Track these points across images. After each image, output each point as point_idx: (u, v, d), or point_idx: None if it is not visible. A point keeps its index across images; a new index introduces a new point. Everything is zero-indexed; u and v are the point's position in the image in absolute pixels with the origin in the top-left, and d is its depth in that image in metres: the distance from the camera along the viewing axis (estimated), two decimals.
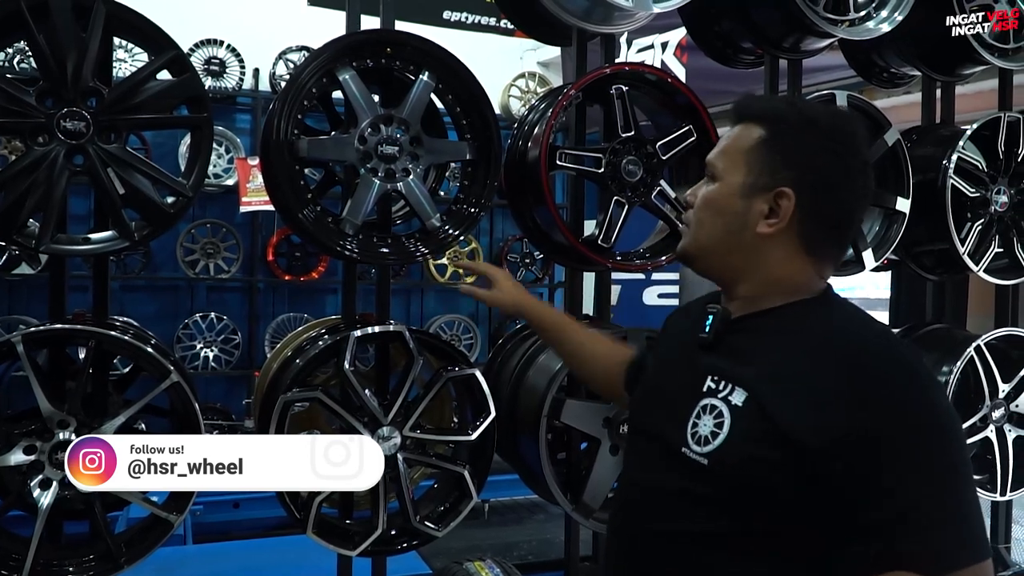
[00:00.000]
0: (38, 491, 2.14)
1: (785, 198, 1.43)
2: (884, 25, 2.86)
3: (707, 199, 1.52)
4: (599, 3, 2.50)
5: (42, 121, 2.08)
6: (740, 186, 1.47)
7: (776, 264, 1.48)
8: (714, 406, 1.42)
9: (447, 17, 6.94)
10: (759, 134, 1.48)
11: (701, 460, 1.40)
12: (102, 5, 2.11)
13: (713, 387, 1.44)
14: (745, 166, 1.47)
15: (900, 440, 1.25)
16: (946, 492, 1.25)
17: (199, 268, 7.43)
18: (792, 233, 1.46)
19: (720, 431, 1.39)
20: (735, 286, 1.53)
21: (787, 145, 1.45)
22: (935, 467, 1.26)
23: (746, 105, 1.54)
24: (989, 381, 3.04)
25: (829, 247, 1.50)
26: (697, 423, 1.43)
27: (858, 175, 1.47)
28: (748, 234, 1.47)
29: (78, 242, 2.22)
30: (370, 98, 2.42)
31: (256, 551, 4.39)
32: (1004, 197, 3.06)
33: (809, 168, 1.44)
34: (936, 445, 1.27)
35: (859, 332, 1.42)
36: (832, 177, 1.44)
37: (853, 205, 1.49)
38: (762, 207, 1.45)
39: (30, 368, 2.12)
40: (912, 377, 1.34)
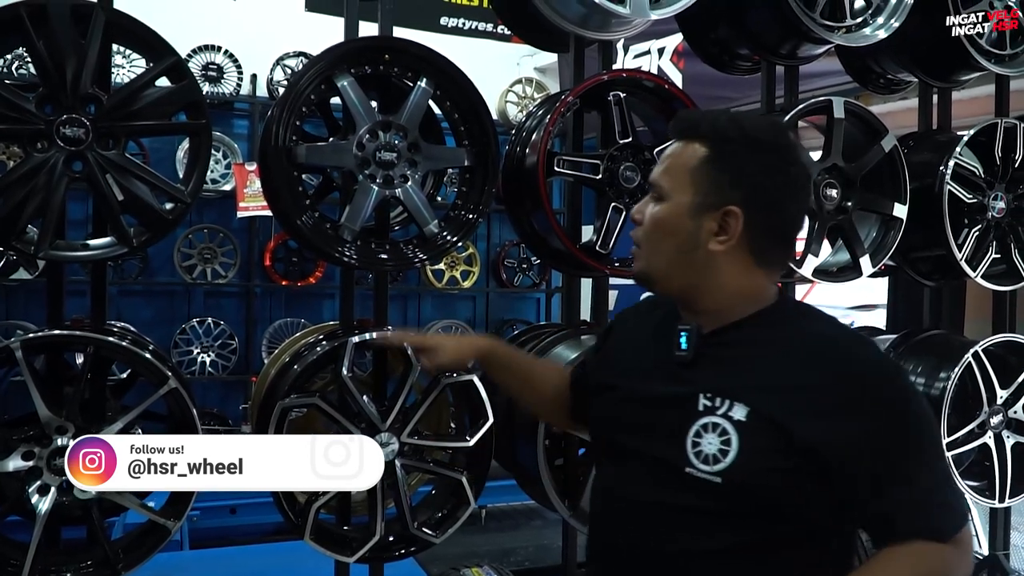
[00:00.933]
0: (36, 497, 2.14)
1: (733, 216, 1.48)
2: (881, 31, 2.86)
3: (656, 220, 1.55)
4: (596, 10, 2.50)
5: (41, 127, 2.09)
6: (688, 206, 1.51)
7: (731, 278, 1.53)
8: (716, 424, 1.45)
9: (445, 23, 6.97)
10: (703, 153, 1.51)
11: (713, 479, 1.43)
12: (101, 12, 2.11)
13: (709, 405, 1.47)
14: (692, 186, 1.51)
15: (901, 434, 1.42)
16: (940, 470, 1.50)
17: (196, 273, 7.42)
18: (743, 248, 1.51)
19: (729, 448, 1.43)
20: (696, 302, 1.56)
21: (732, 164, 1.49)
22: (929, 451, 1.47)
23: (687, 122, 1.58)
24: (987, 387, 3.04)
25: (778, 257, 1.58)
26: (699, 442, 1.46)
27: (799, 189, 1.54)
28: (700, 252, 1.51)
29: (76, 248, 2.22)
30: (368, 104, 2.42)
31: (253, 557, 4.38)
32: (1001, 203, 3.06)
33: (755, 186, 1.49)
34: (925, 432, 1.48)
35: (840, 337, 1.53)
36: (777, 193, 1.50)
37: (797, 216, 1.57)
38: (711, 225, 1.50)
39: (28, 374, 2.12)
40: (898, 378, 1.53)
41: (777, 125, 1.62)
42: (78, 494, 2.15)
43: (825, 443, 1.39)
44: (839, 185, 2.78)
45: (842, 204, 2.79)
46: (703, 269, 1.52)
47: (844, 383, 1.43)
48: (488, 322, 8.64)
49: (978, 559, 3.52)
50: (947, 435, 2.96)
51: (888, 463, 1.40)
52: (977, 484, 3.15)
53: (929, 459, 1.46)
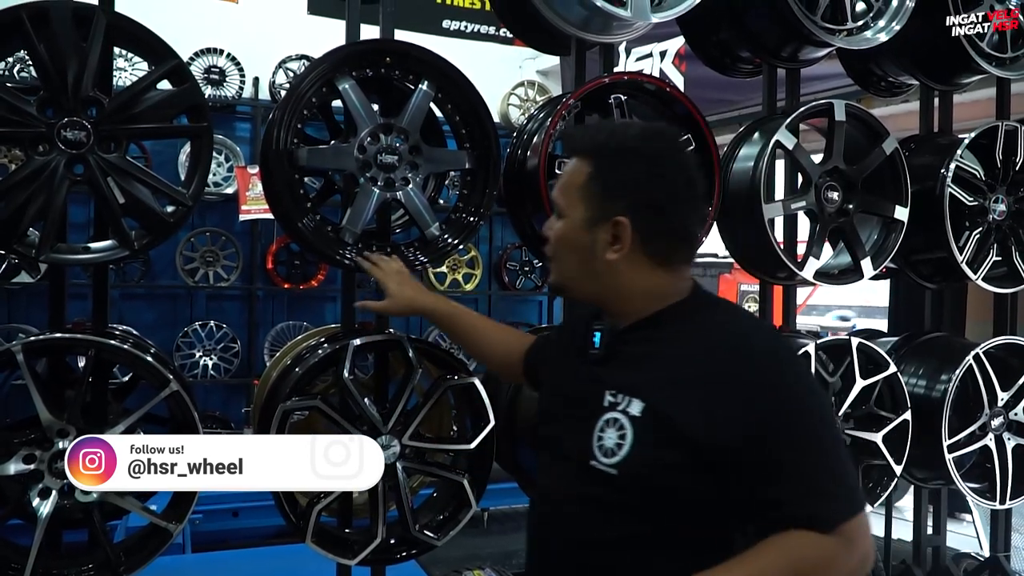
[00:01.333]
0: (37, 500, 2.14)
1: (621, 226, 1.57)
2: (882, 34, 2.87)
3: (558, 237, 1.66)
4: (598, 13, 2.50)
5: (42, 130, 2.09)
6: (581, 221, 1.61)
7: (635, 282, 1.61)
8: (615, 419, 1.54)
9: (447, 26, 6.96)
10: (587, 170, 1.61)
11: (611, 471, 1.52)
12: (102, 15, 2.11)
13: (613, 401, 1.56)
14: (581, 202, 1.61)
15: (788, 424, 1.45)
16: (830, 461, 1.46)
17: (198, 276, 7.43)
18: (638, 253, 1.59)
19: (624, 442, 1.52)
20: (611, 306, 1.66)
21: (612, 177, 1.59)
22: (818, 442, 1.46)
23: (572, 139, 1.74)
24: (988, 389, 3.04)
25: (677, 255, 1.63)
26: (602, 436, 1.55)
27: (682, 188, 1.61)
28: (599, 262, 1.60)
29: (78, 251, 2.22)
30: (369, 107, 2.42)
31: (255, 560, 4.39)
32: (1002, 205, 3.07)
33: (637, 195, 1.57)
34: (816, 422, 1.49)
35: (740, 331, 1.58)
36: (660, 199, 1.58)
37: (685, 215, 1.62)
38: (605, 237, 1.59)
39: (30, 377, 2.12)
40: (789, 367, 1.55)
41: (650, 132, 1.67)
42: (79, 497, 2.15)
43: (709, 434, 1.45)
44: (840, 188, 2.79)
45: (843, 207, 2.80)
46: (606, 277, 1.61)
47: (729, 374, 1.48)
48: None
49: (979, 560, 3.53)
50: (948, 437, 2.97)
51: (770, 452, 1.43)
52: (978, 486, 3.16)
53: (816, 448, 1.46)
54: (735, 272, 8.18)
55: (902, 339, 3.32)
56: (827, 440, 1.48)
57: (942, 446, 2.96)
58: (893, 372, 2.85)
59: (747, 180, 2.71)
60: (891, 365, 2.85)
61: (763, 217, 2.66)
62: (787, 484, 1.43)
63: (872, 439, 2.82)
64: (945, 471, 2.99)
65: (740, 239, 2.91)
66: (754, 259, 2.92)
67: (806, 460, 1.44)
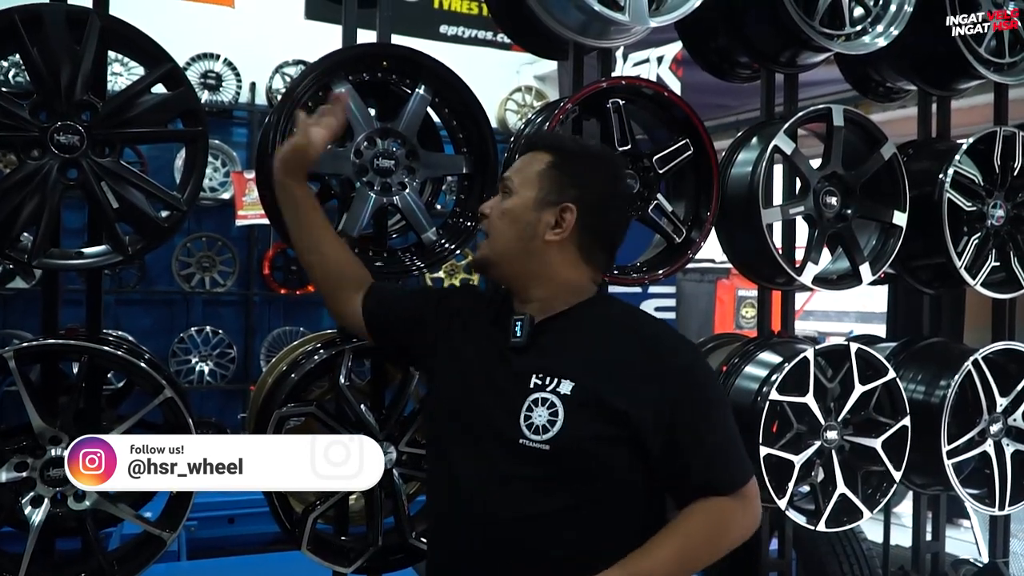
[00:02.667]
0: (29, 508, 2.12)
1: (569, 212, 1.77)
2: (880, 39, 2.85)
3: (504, 210, 1.82)
4: (595, 17, 2.49)
5: (35, 135, 2.07)
6: (532, 200, 1.79)
7: (560, 269, 1.80)
8: (545, 398, 1.68)
9: (444, 31, 6.97)
10: (549, 159, 1.82)
11: (542, 447, 1.66)
12: (96, 18, 2.10)
13: (540, 383, 1.71)
14: (537, 184, 1.80)
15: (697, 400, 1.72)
16: (729, 431, 1.75)
17: (195, 282, 7.42)
18: (572, 243, 1.80)
19: (556, 419, 1.66)
20: (528, 290, 1.83)
21: (573, 170, 1.80)
22: (720, 415, 1.75)
23: (538, 136, 1.99)
24: (987, 395, 3.02)
25: (601, 256, 1.86)
26: (531, 415, 1.68)
27: (623, 201, 1.97)
28: (537, 242, 1.78)
29: (71, 256, 2.21)
30: (366, 111, 2.41)
31: (251, 567, 4.37)
32: (1001, 211, 3.06)
33: (589, 189, 1.79)
34: (717, 398, 1.80)
35: (647, 321, 1.85)
36: (606, 199, 1.83)
37: (618, 224, 1.88)
38: (549, 219, 1.78)
39: (22, 383, 2.10)
40: (693, 350, 1.86)
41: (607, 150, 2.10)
42: (72, 505, 2.13)
43: (633, 408, 1.65)
44: (839, 193, 2.77)
45: (842, 212, 2.78)
46: (537, 257, 1.79)
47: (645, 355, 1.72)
48: None
49: (978, 566, 3.52)
50: (947, 443, 2.96)
51: (682, 424, 1.67)
52: (977, 492, 3.14)
53: (716, 420, 1.73)
54: (732, 277, 8.16)
55: (900, 345, 3.31)
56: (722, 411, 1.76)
57: (941, 452, 2.94)
58: (892, 378, 2.84)
59: (745, 185, 2.70)
60: (890, 371, 2.84)
61: (761, 222, 2.65)
62: (695, 455, 1.68)
63: (871, 445, 2.80)
64: (944, 477, 2.98)
65: (738, 244, 2.90)
66: (752, 264, 2.91)
67: (711, 430, 1.71)
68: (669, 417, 1.66)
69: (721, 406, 1.78)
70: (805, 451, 2.69)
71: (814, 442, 2.71)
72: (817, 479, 2.77)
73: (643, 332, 1.78)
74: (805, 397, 2.67)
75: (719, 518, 1.69)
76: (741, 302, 8.54)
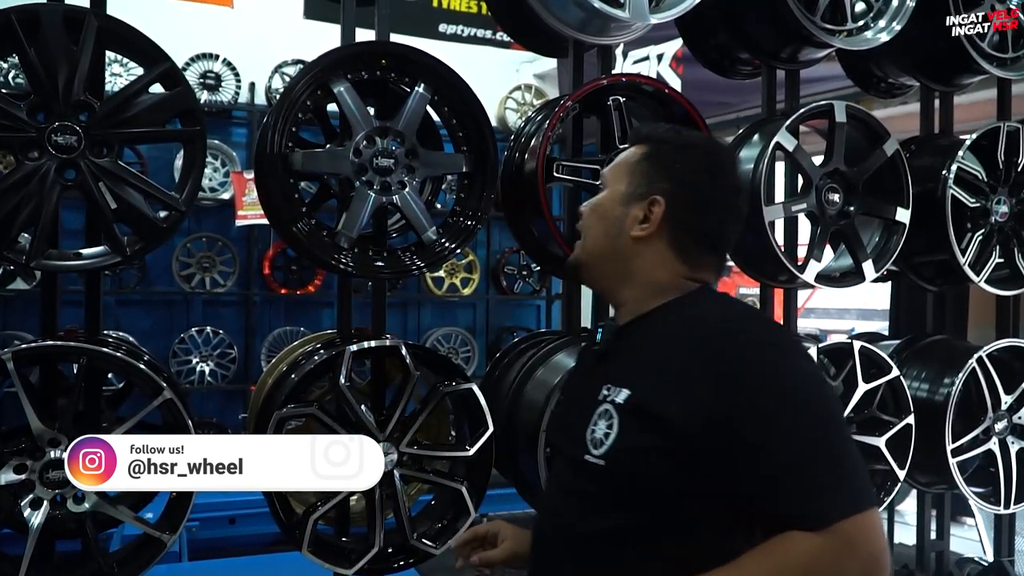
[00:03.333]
0: (28, 511, 2.11)
1: (657, 205, 1.59)
2: (883, 35, 2.84)
3: (593, 206, 1.70)
4: (596, 14, 2.48)
5: (33, 135, 2.06)
6: (621, 195, 1.64)
7: (650, 267, 1.61)
8: (606, 410, 1.53)
9: (443, 30, 6.95)
10: (643, 151, 1.66)
11: (599, 463, 1.50)
12: (93, 18, 2.09)
13: (606, 394, 1.55)
14: (627, 177, 1.65)
15: (764, 410, 1.37)
16: (824, 454, 1.35)
17: (195, 282, 7.41)
18: (662, 239, 1.60)
19: (611, 431, 1.50)
20: (618, 293, 1.66)
21: (664, 161, 1.63)
22: (809, 433, 1.36)
23: (639, 131, 1.77)
24: (991, 393, 3.02)
25: (699, 254, 1.63)
26: (594, 428, 1.54)
27: (726, 194, 1.64)
28: (624, 238, 1.62)
29: (69, 257, 2.20)
30: (365, 110, 2.39)
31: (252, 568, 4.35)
32: (1004, 207, 3.04)
33: (681, 182, 1.60)
34: (802, 409, 1.38)
35: (721, 317, 1.55)
36: (702, 193, 1.61)
37: (721, 220, 1.64)
38: (637, 213, 1.61)
39: (20, 385, 2.09)
40: (769, 349, 1.46)
41: (715, 141, 1.74)
42: (71, 507, 2.12)
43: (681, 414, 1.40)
44: (841, 189, 2.76)
45: (844, 209, 2.77)
46: (625, 255, 1.63)
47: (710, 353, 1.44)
48: (488, 330, 8.62)
49: (983, 565, 3.51)
50: (952, 441, 2.94)
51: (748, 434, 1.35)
52: (982, 490, 3.13)
53: (806, 440, 1.35)
54: (733, 275, 8.15)
55: (904, 342, 3.29)
56: (822, 432, 1.37)
57: (945, 450, 2.93)
58: (896, 376, 2.83)
59: (747, 182, 2.69)
60: (894, 369, 2.82)
61: (763, 219, 2.63)
62: (770, 475, 1.34)
63: (875, 443, 2.79)
64: (949, 475, 2.97)
65: (740, 242, 2.86)
66: (754, 262, 2.90)
67: (792, 452, 1.34)
68: (726, 419, 1.37)
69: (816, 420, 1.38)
70: None
71: None
72: None
73: (718, 328, 1.50)
74: None
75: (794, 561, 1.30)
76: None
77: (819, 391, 1.44)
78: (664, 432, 1.42)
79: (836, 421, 1.44)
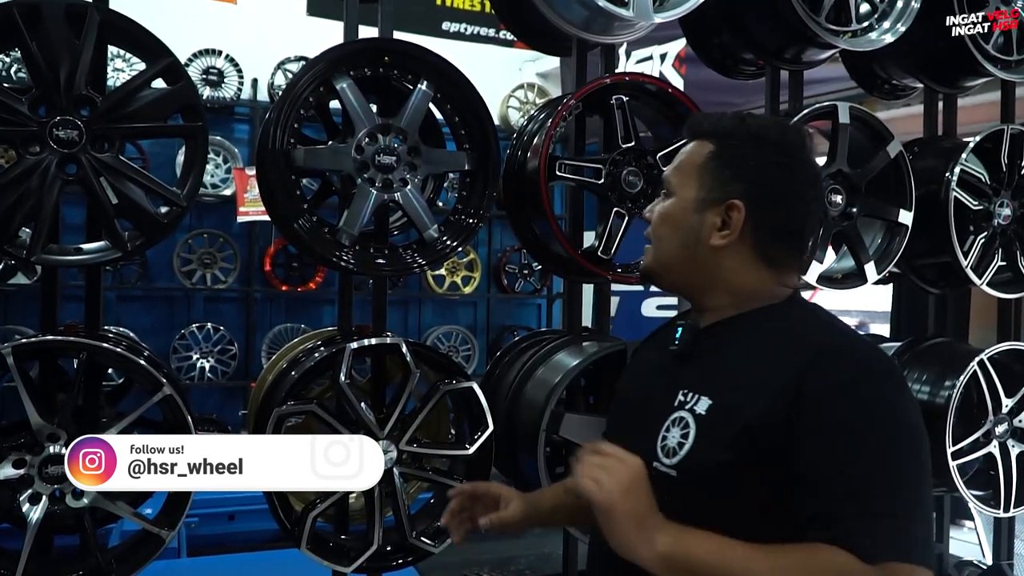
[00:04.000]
0: (27, 506, 2.10)
1: (735, 210, 1.48)
2: (887, 36, 2.84)
3: (663, 215, 1.57)
4: (599, 13, 2.48)
5: (34, 130, 2.05)
6: (693, 201, 1.52)
7: (734, 275, 1.52)
8: (681, 418, 1.46)
9: (446, 28, 6.94)
10: (709, 150, 1.53)
11: (670, 472, 1.44)
12: (96, 13, 2.08)
13: (683, 400, 1.48)
14: (697, 181, 1.52)
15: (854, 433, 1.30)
16: (897, 487, 1.29)
17: (196, 278, 7.40)
18: (746, 244, 1.50)
19: (686, 441, 1.43)
20: (700, 299, 1.57)
21: (735, 159, 1.51)
22: (885, 461, 1.29)
23: (697, 123, 1.60)
24: (992, 396, 3.01)
25: (785, 255, 1.54)
26: (666, 436, 1.47)
27: (807, 186, 1.52)
28: (703, 247, 1.51)
29: (70, 252, 2.19)
30: (367, 107, 2.39)
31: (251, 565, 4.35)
32: (1007, 210, 3.04)
33: (757, 180, 1.49)
34: (890, 441, 1.31)
35: (819, 330, 1.46)
36: (780, 188, 1.49)
37: (804, 215, 1.53)
38: (714, 220, 1.50)
39: (20, 380, 2.09)
40: (861, 367, 1.38)
41: (782, 123, 1.60)
42: (70, 503, 2.12)
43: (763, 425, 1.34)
44: (844, 191, 2.76)
45: (847, 210, 2.77)
46: (706, 265, 1.53)
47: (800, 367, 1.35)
48: (489, 328, 8.61)
49: (982, 568, 3.50)
50: (952, 444, 2.94)
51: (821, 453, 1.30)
52: (982, 493, 3.12)
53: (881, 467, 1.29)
54: None
55: (905, 344, 3.28)
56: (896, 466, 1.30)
57: (946, 453, 2.92)
58: None
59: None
60: None
61: None
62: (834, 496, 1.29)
63: None
64: (949, 478, 2.96)
65: None
66: None
67: (865, 475, 1.28)
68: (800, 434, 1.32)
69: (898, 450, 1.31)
70: None
71: None
72: None
73: (808, 340, 1.42)
74: None
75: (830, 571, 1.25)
76: None
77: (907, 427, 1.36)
78: (741, 445, 1.36)
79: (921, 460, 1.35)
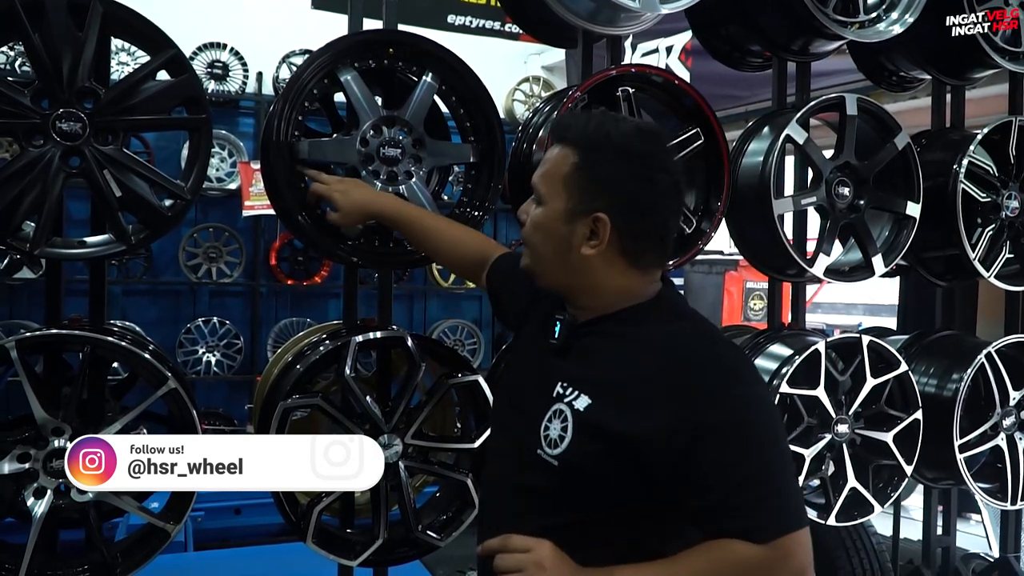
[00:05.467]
0: (32, 500, 2.10)
1: (602, 222, 1.56)
2: (895, 27, 2.81)
3: (535, 223, 1.65)
4: (605, 4, 2.46)
5: (37, 122, 2.04)
6: (562, 212, 1.59)
7: (605, 278, 1.61)
8: (561, 411, 1.57)
9: (451, 21, 6.92)
10: (574, 161, 1.59)
11: (552, 461, 1.55)
12: (99, 4, 2.07)
13: (561, 392, 1.59)
14: (565, 192, 1.59)
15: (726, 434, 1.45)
16: (770, 474, 1.46)
17: (201, 272, 7.41)
18: (614, 250, 1.58)
19: (566, 435, 1.54)
20: (576, 298, 1.66)
21: (600, 172, 1.57)
22: (758, 454, 1.46)
23: (564, 127, 1.65)
24: (1000, 389, 3.00)
25: (651, 257, 1.62)
26: (548, 427, 1.57)
27: (668, 194, 1.60)
28: (574, 255, 1.59)
29: (73, 245, 2.18)
30: (372, 99, 2.38)
31: (257, 558, 4.36)
32: (1015, 202, 3.02)
33: (622, 194, 1.56)
34: (757, 435, 1.48)
35: (685, 337, 1.58)
36: (644, 200, 1.57)
37: (667, 220, 1.62)
38: (583, 231, 1.58)
39: (24, 374, 2.08)
40: (736, 379, 1.52)
41: (644, 132, 1.64)
42: (75, 497, 2.11)
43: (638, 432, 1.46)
44: (851, 183, 2.74)
45: (854, 202, 2.75)
46: (579, 270, 1.61)
47: (667, 376, 1.49)
48: (494, 322, 8.60)
49: (989, 561, 3.50)
50: (959, 437, 2.93)
51: (705, 460, 1.44)
52: (989, 486, 3.12)
53: (755, 460, 1.46)
54: (741, 269, 8.12)
55: (912, 337, 3.27)
56: (769, 453, 1.48)
57: (953, 446, 2.92)
58: (904, 371, 2.81)
59: (756, 175, 2.67)
60: (902, 364, 2.81)
61: (773, 213, 2.61)
62: (722, 493, 1.44)
63: (883, 439, 2.78)
64: (956, 471, 2.95)
65: (749, 235, 2.87)
66: (763, 256, 2.88)
67: (743, 471, 1.45)
68: (684, 444, 1.44)
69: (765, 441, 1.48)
70: (816, 445, 2.67)
71: (825, 436, 2.69)
72: (827, 473, 2.75)
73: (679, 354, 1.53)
74: (816, 390, 2.64)
75: (733, 564, 1.43)
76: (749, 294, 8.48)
77: (770, 417, 1.55)
78: (620, 448, 1.48)
79: (782, 445, 1.57)
